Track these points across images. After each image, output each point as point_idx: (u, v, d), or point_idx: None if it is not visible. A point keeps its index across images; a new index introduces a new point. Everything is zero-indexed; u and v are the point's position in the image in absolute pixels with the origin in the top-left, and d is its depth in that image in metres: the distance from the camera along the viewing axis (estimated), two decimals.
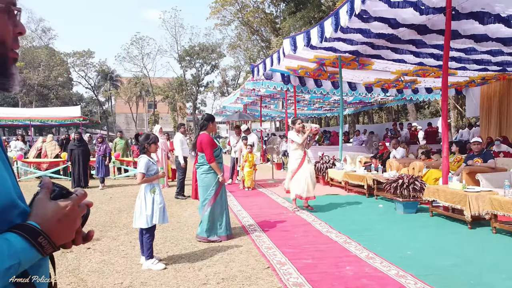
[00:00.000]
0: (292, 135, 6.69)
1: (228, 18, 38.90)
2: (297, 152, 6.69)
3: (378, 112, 34.64)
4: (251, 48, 41.59)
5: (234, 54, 47.32)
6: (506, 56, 9.02)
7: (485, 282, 3.40)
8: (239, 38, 41.95)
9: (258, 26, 37.46)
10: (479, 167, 6.73)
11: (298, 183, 6.56)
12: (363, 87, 14.33)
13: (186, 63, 48.83)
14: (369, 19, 7.20)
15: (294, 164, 6.69)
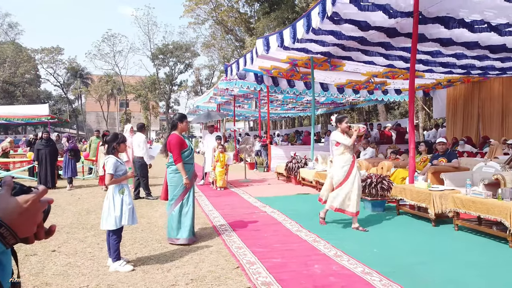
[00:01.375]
0: (337, 136, 5.42)
1: (202, 17, 38.68)
2: (344, 157, 5.39)
3: (350, 112, 35.19)
4: (225, 48, 41.48)
5: (208, 53, 47.08)
6: (470, 59, 9.38)
7: (448, 277, 3.52)
8: (213, 37, 41.76)
9: (232, 26, 37.40)
10: (443, 166, 6.96)
11: (343, 196, 5.35)
12: (335, 88, 14.57)
13: (160, 62, 48.22)
14: (340, 21, 7.33)
15: (340, 172, 5.38)
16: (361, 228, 5.31)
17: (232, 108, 21.33)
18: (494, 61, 9.58)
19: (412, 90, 6.88)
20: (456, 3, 6.32)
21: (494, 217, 4.55)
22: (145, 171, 8.28)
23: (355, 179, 5.35)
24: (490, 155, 9.40)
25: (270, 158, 14.09)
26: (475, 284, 3.35)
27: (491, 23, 7.04)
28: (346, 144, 5.35)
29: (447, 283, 3.39)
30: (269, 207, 6.96)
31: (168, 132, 5.07)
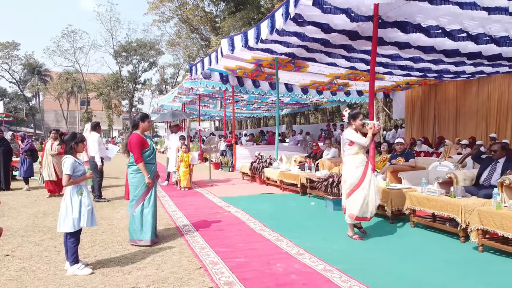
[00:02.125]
0: (352, 135, 4.91)
1: (167, 15, 38.14)
2: (358, 158, 4.91)
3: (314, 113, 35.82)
4: (191, 46, 41.08)
5: (173, 51, 46.48)
6: (426, 63, 9.78)
7: (403, 272, 3.66)
8: (178, 35, 41.25)
9: (197, 24, 37.09)
10: (401, 166, 7.23)
11: (361, 201, 4.84)
12: (299, 89, 14.79)
13: (123, 59, 47.04)
14: (303, 23, 7.44)
15: (354, 174, 4.88)
16: (363, 230, 5.03)
17: (197, 108, 21.16)
18: (449, 65, 10.04)
19: (372, 91, 7.09)
20: (413, 9, 6.56)
21: (447, 214, 4.77)
22: (97, 172, 7.96)
23: (371, 180, 4.92)
24: (445, 154, 9.85)
25: (235, 158, 14.10)
26: (427, 278, 3.51)
27: (445, 29, 7.37)
28: (362, 144, 4.88)
29: (401, 277, 3.53)
30: (233, 207, 6.96)
31: (130, 131, 4.98)
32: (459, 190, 4.90)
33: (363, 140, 4.89)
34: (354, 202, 4.86)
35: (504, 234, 3.98)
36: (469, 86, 12.97)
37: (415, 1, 6.14)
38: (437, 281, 3.44)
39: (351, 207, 4.87)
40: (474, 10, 6.29)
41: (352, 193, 4.88)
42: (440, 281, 3.45)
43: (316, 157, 10.13)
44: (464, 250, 4.38)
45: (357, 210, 4.82)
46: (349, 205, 4.90)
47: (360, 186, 4.85)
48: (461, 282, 3.43)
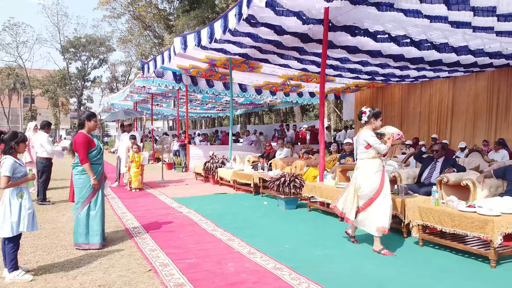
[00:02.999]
0: (371, 138, 4.40)
1: (118, 11, 36.97)
2: (376, 163, 4.43)
3: (268, 113, 36.22)
4: (143, 44, 40.09)
5: (125, 48, 45.14)
6: (374, 67, 10.20)
7: (350, 267, 3.81)
8: (130, 32, 40.11)
9: (150, 22, 36.27)
10: (350, 165, 7.49)
11: (389, 211, 4.41)
12: (253, 89, 14.88)
13: (71, 55, 44.98)
14: (257, 24, 7.50)
15: (372, 182, 4.39)
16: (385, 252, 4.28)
17: (150, 107, 20.69)
18: (394, 69, 10.54)
19: (322, 93, 7.28)
20: (362, 14, 6.82)
21: (393, 212, 5.00)
22: (46, 174, 7.57)
23: (389, 189, 4.48)
24: (391, 154, 10.31)
25: (188, 158, 13.95)
26: (372, 272, 3.67)
27: (391, 34, 7.73)
28: (379, 150, 4.40)
29: (348, 272, 3.66)
30: (185, 208, 6.89)
31: (75, 130, 4.79)
32: (402, 188, 5.16)
33: (382, 146, 4.37)
34: (381, 212, 4.34)
35: (442, 229, 4.25)
36: (413, 90, 13.69)
37: (363, 7, 6.38)
38: (381, 274, 3.60)
39: (379, 219, 4.33)
40: (417, 18, 6.64)
41: (372, 202, 4.38)
42: (384, 274, 3.62)
43: (269, 157, 10.26)
44: (407, 244, 4.62)
45: (387, 221, 4.32)
46: (374, 217, 4.36)
47: (381, 194, 4.38)
48: (404, 274, 3.62)
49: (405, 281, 3.46)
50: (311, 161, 8.77)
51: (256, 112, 31.49)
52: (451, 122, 12.24)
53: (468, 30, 7.13)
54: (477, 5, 6.07)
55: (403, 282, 3.45)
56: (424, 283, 3.41)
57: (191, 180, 11.26)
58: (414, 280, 3.49)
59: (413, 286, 3.35)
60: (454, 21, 6.69)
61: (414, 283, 3.42)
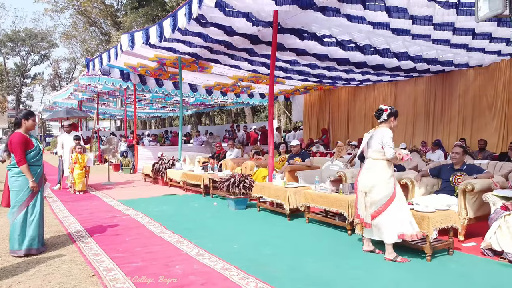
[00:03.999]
0: (390, 138, 4.09)
1: (62, 5, 35.17)
2: (390, 165, 4.17)
3: (219, 114, 36.11)
4: (89, 40, 38.45)
5: (69, 44, 43.02)
6: (321, 69, 10.51)
7: (297, 265, 3.89)
8: (74, 28, 38.30)
9: (97, 17, 34.85)
10: (298, 165, 7.67)
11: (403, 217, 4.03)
12: (204, 89, 14.79)
13: (8, 50, 42.20)
14: (207, 24, 7.47)
15: (388, 186, 4.06)
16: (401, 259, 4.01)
17: (95, 106, 19.88)
18: (341, 73, 10.93)
19: (271, 94, 7.38)
20: (309, 18, 7.01)
21: (337, 210, 5.18)
22: None
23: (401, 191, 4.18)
24: (337, 155, 10.68)
25: (136, 159, 13.57)
26: (318, 269, 3.78)
27: (337, 39, 8.01)
28: (386, 155, 4.04)
29: (294, 270, 3.74)
30: (132, 210, 6.70)
31: (12, 130, 4.50)
32: (347, 187, 5.36)
33: (391, 152, 4.01)
34: (403, 219, 3.99)
35: None
36: (358, 92, 14.27)
37: (311, 11, 6.56)
38: (326, 272, 3.71)
39: (401, 226, 3.98)
40: (361, 24, 6.94)
41: (386, 208, 4.03)
42: (329, 271, 3.74)
43: (219, 157, 10.24)
44: (351, 241, 4.80)
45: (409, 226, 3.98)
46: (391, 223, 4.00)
47: (396, 198, 4.05)
48: (348, 272, 3.76)
49: (348, 277, 3.60)
50: (261, 162, 8.87)
51: (207, 112, 31.29)
52: None
53: (408, 37, 7.57)
54: (415, 14, 6.46)
55: (346, 277, 3.58)
56: (366, 278, 3.57)
57: (139, 182, 10.97)
58: (356, 275, 3.64)
59: (355, 282, 3.49)
60: (395, 28, 7.07)
61: (357, 278, 3.57)
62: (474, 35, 7.33)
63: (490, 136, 10.07)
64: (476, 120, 10.78)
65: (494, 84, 10.26)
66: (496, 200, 4.45)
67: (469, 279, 3.52)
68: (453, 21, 6.67)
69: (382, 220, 4.06)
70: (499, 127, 10.14)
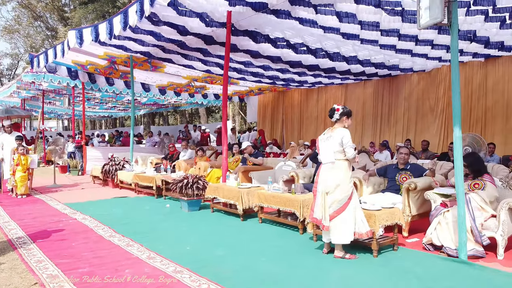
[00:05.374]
0: (349, 139, 4.15)
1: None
2: (349, 165, 4.20)
3: (173, 114, 35.54)
4: (34, 36, 36.43)
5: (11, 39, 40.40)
6: (275, 71, 10.66)
7: (249, 265, 3.92)
8: (17, 21, 36.11)
9: (42, 12, 33.09)
10: (252, 166, 7.72)
11: (359, 217, 4.10)
12: (157, 89, 14.50)
13: None
14: (159, 23, 7.34)
15: (349, 185, 4.11)
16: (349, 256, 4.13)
17: (40, 105, 18.85)
18: (293, 75, 11.14)
19: (225, 95, 7.39)
20: (263, 20, 7.09)
21: (289, 209, 5.27)
22: None
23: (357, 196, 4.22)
24: (290, 155, 10.87)
25: (85, 160, 13.04)
26: (269, 268, 3.83)
27: (289, 42, 8.16)
28: (348, 155, 4.11)
29: (247, 270, 3.77)
30: (80, 214, 6.44)
31: None
32: (299, 187, 5.47)
33: (352, 151, 4.10)
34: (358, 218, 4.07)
35: None
36: (311, 94, 14.61)
37: (264, 13, 6.63)
38: (278, 271, 3.77)
39: (356, 226, 4.05)
40: (313, 28, 7.13)
41: (346, 208, 4.04)
42: (281, 270, 3.79)
43: (172, 158, 10.08)
44: (303, 240, 4.91)
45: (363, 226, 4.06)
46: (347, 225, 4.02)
47: (353, 198, 4.10)
48: (300, 270, 3.83)
49: (299, 275, 3.67)
50: (215, 162, 8.85)
51: (160, 112, 30.69)
52: None
53: (357, 42, 7.86)
54: (364, 20, 6.72)
55: (297, 275, 3.66)
56: (317, 276, 3.66)
57: (88, 184, 10.56)
58: (307, 273, 3.73)
59: (306, 279, 3.57)
60: (345, 32, 7.32)
61: (308, 276, 3.65)
62: (418, 42, 7.75)
63: (432, 137, 10.67)
64: (420, 122, 11.39)
65: (435, 89, 10.89)
66: (436, 197, 4.73)
67: (412, 273, 3.71)
68: (399, 27, 7.01)
69: (340, 221, 4.04)
70: (440, 129, 10.77)
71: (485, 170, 4.71)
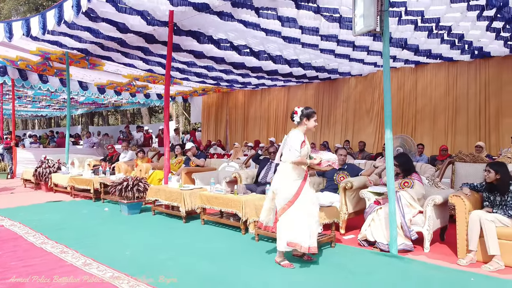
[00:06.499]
0: (295, 141, 3.90)
1: None
2: (298, 170, 3.94)
3: (114, 114, 34.24)
4: None
5: None
6: (219, 72, 10.66)
7: (192, 268, 3.88)
8: None
9: None
10: (195, 168, 7.66)
11: (297, 225, 3.83)
12: (95, 88, 13.91)
13: None
14: (97, 19, 7.08)
15: (291, 188, 3.88)
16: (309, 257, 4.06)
17: None
18: (237, 76, 11.20)
19: (167, 95, 7.28)
20: (206, 21, 7.06)
21: (232, 210, 5.30)
22: None
23: (307, 198, 3.93)
24: (234, 156, 10.92)
25: (15, 162, 12.19)
26: (213, 270, 3.83)
27: (233, 43, 8.20)
28: (288, 158, 3.89)
29: (187, 273, 3.73)
30: (8, 220, 6.01)
31: None
32: (241, 188, 5.52)
33: (293, 155, 3.84)
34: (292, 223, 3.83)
35: None
36: (254, 96, 14.78)
37: (207, 14, 6.61)
38: (220, 272, 3.78)
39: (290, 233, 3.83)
40: (256, 30, 7.22)
41: (284, 212, 3.88)
42: (223, 271, 3.80)
43: (112, 160, 9.73)
44: (245, 240, 4.95)
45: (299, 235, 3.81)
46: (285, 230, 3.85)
47: (294, 204, 3.86)
48: (241, 270, 3.87)
49: (240, 275, 3.71)
50: (157, 164, 8.66)
51: (100, 112, 29.43)
52: (286, 126, 13.63)
53: (298, 46, 8.08)
54: (304, 25, 6.94)
55: (239, 275, 3.69)
56: (258, 275, 3.72)
57: (19, 188, 9.88)
58: (248, 272, 3.77)
59: (248, 279, 3.61)
60: (286, 36, 7.50)
61: (249, 275, 3.70)
62: (355, 47, 8.14)
63: (368, 138, 11.24)
64: (357, 123, 11.94)
65: (371, 92, 11.48)
66: (370, 195, 5.00)
67: (347, 268, 3.89)
68: (337, 33, 7.31)
69: (280, 224, 3.91)
70: (375, 130, 11.37)
71: (414, 169, 5.05)
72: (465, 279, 3.62)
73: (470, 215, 4.09)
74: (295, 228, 3.82)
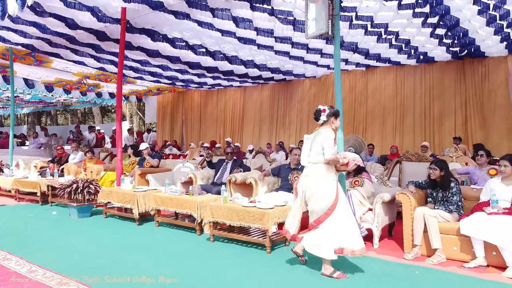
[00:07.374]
0: (328, 137, 3.66)
1: None
2: (330, 170, 3.71)
3: (64, 113, 32.75)
4: None
5: None
6: (174, 72, 10.51)
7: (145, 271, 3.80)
8: None
9: None
10: (149, 169, 7.49)
11: (346, 228, 3.62)
12: (43, 86, 13.22)
13: None
14: (44, 14, 6.76)
15: (330, 190, 3.63)
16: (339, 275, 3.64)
17: None
18: (193, 76, 11.10)
19: (120, 95, 7.09)
20: (160, 19, 6.93)
21: (187, 211, 5.25)
22: None
23: (344, 199, 3.77)
24: (190, 156, 10.81)
25: None
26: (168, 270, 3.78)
27: (188, 43, 8.12)
28: (325, 156, 3.61)
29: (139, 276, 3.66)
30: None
31: None
32: (196, 189, 5.48)
33: (330, 152, 3.59)
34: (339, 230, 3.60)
35: (230, 224, 4.70)
36: (210, 96, 14.71)
37: (162, 12, 6.50)
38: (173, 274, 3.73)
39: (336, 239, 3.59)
40: (211, 30, 7.19)
41: (327, 218, 3.61)
42: (177, 273, 3.76)
43: (61, 161, 9.32)
44: (200, 241, 4.93)
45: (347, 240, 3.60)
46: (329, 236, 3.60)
47: (337, 208, 3.63)
48: (196, 271, 3.85)
49: (193, 275, 3.69)
50: (109, 165, 8.40)
51: (48, 111, 28.03)
52: (242, 126, 13.69)
53: (254, 47, 8.14)
54: (259, 27, 7.01)
55: (192, 276, 3.67)
56: (213, 275, 3.72)
57: None
58: (203, 273, 3.77)
59: (202, 279, 3.61)
60: (241, 37, 7.53)
61: (203, 275, 3.69)
62: (308, 50, 8.32)
63: None
64: (311, 124, 12.20)
65: (325, 93, 11.79)
66: None
67: (301, 267, 3.98)
68: (291, 36, 7.45)
69: (320, 232, 3.65)
70: None
71: (364, 168, 5.24)
72: (411, 273, 3.82)
73: (415, 212, 4.32)
74: (345, 233, 3.60)
